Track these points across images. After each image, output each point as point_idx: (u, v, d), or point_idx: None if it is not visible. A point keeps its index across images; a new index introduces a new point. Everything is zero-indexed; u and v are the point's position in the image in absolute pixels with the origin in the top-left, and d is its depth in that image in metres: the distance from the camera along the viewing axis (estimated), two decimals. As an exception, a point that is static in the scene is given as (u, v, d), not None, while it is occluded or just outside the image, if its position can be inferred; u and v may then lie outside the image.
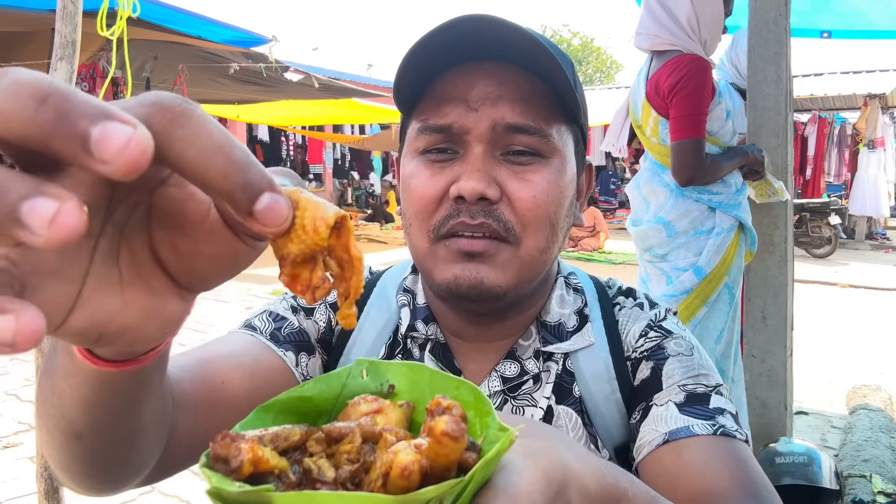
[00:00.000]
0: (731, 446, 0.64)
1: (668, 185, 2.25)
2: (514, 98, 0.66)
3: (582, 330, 0.76)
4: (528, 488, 0.32)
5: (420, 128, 0.69)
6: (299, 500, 0.28)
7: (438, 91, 0.68)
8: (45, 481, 1.71)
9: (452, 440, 0.29)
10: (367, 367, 0.41)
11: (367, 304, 0.82)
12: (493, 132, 0.66)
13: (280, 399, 0.39)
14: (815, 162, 12.08)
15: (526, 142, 0.67)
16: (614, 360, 0.74)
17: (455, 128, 0.66)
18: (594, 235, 10.34)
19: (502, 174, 0.66)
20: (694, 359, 0.72)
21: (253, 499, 0.28)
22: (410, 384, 0.40)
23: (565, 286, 0.79)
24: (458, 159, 0.68)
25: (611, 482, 0.40)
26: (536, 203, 0.66)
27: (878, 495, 2.45)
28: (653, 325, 0.76)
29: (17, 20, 6.10)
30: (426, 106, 0.68)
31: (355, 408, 0.36)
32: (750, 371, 2.70)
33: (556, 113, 0.69)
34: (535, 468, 0.34)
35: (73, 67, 1.62)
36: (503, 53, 0.66)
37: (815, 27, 4.01)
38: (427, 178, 0.68)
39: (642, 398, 0.71)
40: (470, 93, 0.67)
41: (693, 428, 0.65)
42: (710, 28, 2.22)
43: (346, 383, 0.41)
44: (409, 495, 0.28)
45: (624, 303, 0.79)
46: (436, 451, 0.30)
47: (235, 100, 11.19)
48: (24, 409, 3.49)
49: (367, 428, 0.34)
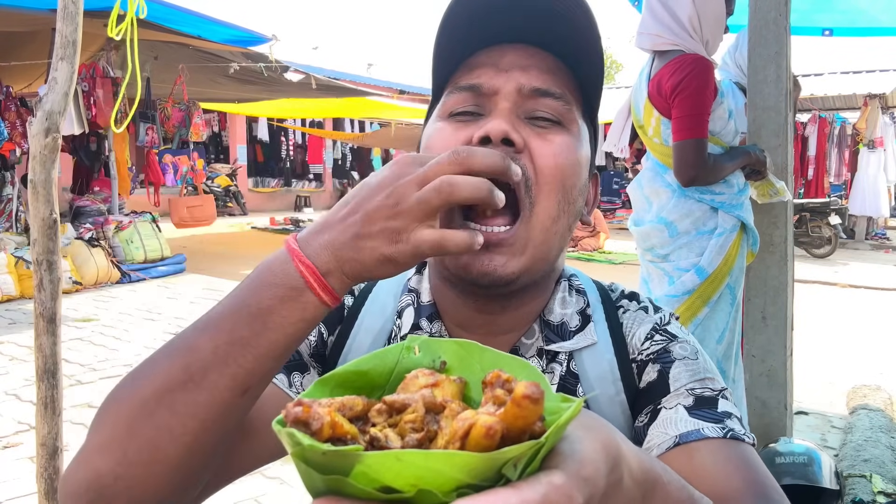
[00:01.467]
0: (741, 450, 0.65)
1: (671, 185, 2.25)
2: (543, 67, 0.69)
3: (584, 329, 0.76)
4: (591, 455, 0.34)
5: (450, 90, 0.70)
6: (387, 459, 0.29)
7: (471, 63, 0.70)
8: (45, 481, 1.70)
9: (533, 402, 0.30)
10: (420, 344, 0.43)
11: (361, 311, 0.82)
12: (520, 94, 0.67)
13: (337, 373, 0.40)
14: (818, 162, 12.08)
15: (551, 105, 0.68)
16: (619, 361, 0.74)
17: (485, 87, 0.68)
18: (594, 235, 10.33)
19: (526, 131, 0.67)
20: (699, 363, 0.73)
21: (338, 460, 0.30)
22: (460, 361, 0.41)
23: (568, 288, 0.79)
24: (484, 118, 0.68)
25: (647, 467, 0.41)
26: (556, 162, 0.67)
27: (878, 495, 2.45)
28: (658, 329, 0.76)
29: (18, 20, 6.10)
30: (459, 76, 0.70)
31: (413, 381, 0.37)
32: (750, 371, 2.70)
33: (578, 98, 0.71)
34: (594, 439, 0.35)
35: (73, 67, 1.62)
36: (534, 35, 0.69)
37: (816, 25, 4.00)
38: (450, 132, 0.69)
39: (649, 401, 0.72)
40: (502, 60, 0.69)
41: (703, 431, 0.65)
42: (711, 28, 2.22)
43: (400, 359, 0.42)
44: (492, 454, 0.29)
45: (628, 306, 0.79)
46: (515, 414, 0.30)
47: (235, 99, 11.19)
48: (25, 409, 3.49)
49: (428, 399, 0.35)
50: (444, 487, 0.30)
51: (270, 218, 13.71)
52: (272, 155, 17.45)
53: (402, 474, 0.29)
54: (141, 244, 7.45)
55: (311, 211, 16.56)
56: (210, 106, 11.85)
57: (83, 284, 6.62)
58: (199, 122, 8.75)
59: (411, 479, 0.29)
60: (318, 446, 0.30)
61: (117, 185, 7.87)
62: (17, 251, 6.45)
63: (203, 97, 9.70)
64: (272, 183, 17.37)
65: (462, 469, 0.29)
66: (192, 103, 8.66)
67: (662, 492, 0.42)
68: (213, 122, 15.52)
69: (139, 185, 9.68)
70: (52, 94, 1.60)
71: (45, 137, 1.60)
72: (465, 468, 0.29)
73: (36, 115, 1.61)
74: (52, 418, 1.68)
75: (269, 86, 9.05)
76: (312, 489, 0.32)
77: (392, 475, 0.29)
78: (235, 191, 15.16)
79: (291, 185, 17.66)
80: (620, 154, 2.91)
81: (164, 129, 8.54)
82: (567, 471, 0.32)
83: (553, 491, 0.30)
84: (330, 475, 0.30)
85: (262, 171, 17.43)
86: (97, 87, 6.93)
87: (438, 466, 0.29)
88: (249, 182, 16.66)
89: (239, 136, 16.30)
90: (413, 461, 0.29)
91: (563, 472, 0.31)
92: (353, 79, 9.16)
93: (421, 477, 0.29)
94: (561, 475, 0.31)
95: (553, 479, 0.31)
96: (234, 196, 15.11)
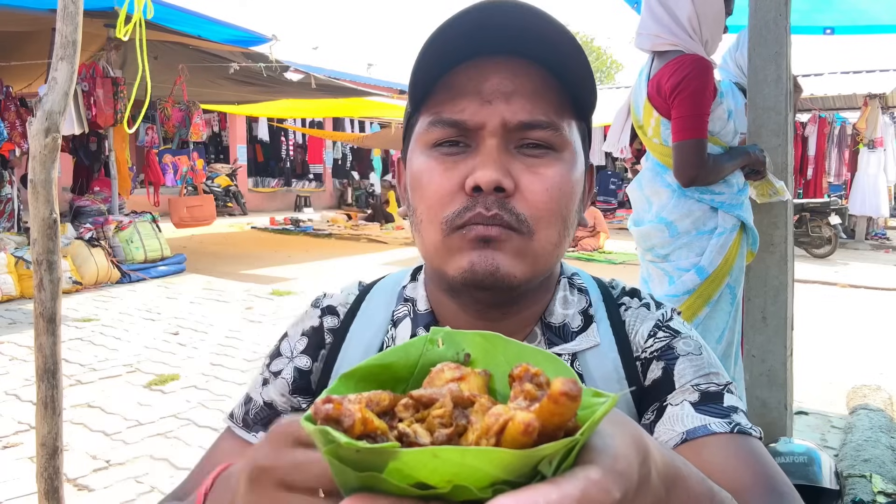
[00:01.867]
0: (749, 443, 0.65)
1: (671, 185, 2.25)
2: (527, 93, 0.67)
3: (587, 330, 0.76)
4: (624, 450, 0.34)
5: (433, 121, 0.68)
6: (424, 456, 0.29)
7: (452, 83, 0.68)
8: (45, 481, 1.70)
9: (571, 400, 0.30)
10: (443, 337, 0.42)
11: (351, 327, 0.81)
12: (506, 128, 0.66)
13: (361, 366, 0.40)
14: (817, 162, 12.08)
15: (539, 136, 0.67)
16: (623, 360, 0.74)
17: (469, 123, 0.66)
18: (594, 235, 10.33)
19: (516, 167, 0.66)
20: (703, 358, 0.73)
21: (373, 457, 0.30)
22: (485, 353, 0.41)
23: (569, 287, 0.79)
24: (471, 153, 0.67)
25: (669, 460, 0.41)
26: (550, 197, 0.66)
27: (878, 495, 2.45)
28: (661, 325, 0.76)
29: (18, 20, 6.10)
30: (439, 99, 0.68)
31: (440, 375, 0.37)
32: (750, 371, 2.70)
33: (567, 107, 0.69)
34: (624, 434, 0.35)
35: (73, 67, 1.62)
36: (516, 46, 0.66)
37: (817, 24, 3.99)
38: (441, 172, 0.67)
39: (654, 398, 0.72)
40: (483, 85, 0.66)
41: (711, 426, 0.65)
42: (711, 28, 2.22)
43: (424, 352, 0.42)
44: (529, 451, 0.29)
45: (629, 303, 0.79)
46: (551, 410, 0.30)
47: (235, 100, 11.20)
48: (24, 409, 3.49)
49: (456, 393, 0.35)
50: (479, 484, 0.30)
51: (270, 218, 13.71)
52: (272, 155, 17.44)
53: (438, 471, 0.29)
54: (141, 244, 7.45)
55: (310, 211, 16.56)
56: (210, 107, 11.86)
57: (83, 284, 6.62)
58: (199, 122, 8.75)
59: (447, 476, 0.29)
60: (353, 444, 0.29)
61: (117, 185, 7.87)
62: (17, 251, 6.45)
63: (203, 97, 9.70)
64: (272, 183, 17.37)
65: (499, 466, 0.29)
66: (192, 103, 8.66)
67: (683, 485, 0.42)
68: (213, 122, 15.53)
69: (139, 185, 9.68)
70: (52, 93, 1.60)
71: (45, 137, 1.60)
72: (501, 465, 0.29)
73: (36, 115, 1.61)
74: (52, 418, 1.68)
75: (269, 86, 9.05)
76: (345, 486, 0.32)
77: (428, 472, 0.29)
78: (235, 191, 15.17)
79: (291, 185, 17.66)
80: (620, 154, 2.91)
81: (164, 129, 8.55)
82: (602, 465, 0.32)
83: (591, 486, 0.30)
84: (364, 472, 0.30)
85: (262, 171, 17.43)
86: (97, 87, 6.93)
87: (475, 463, 0.29)
88: (249, 182, 16.67)
89: (239, 136, 16.30)
90: (450, 458, 0.29)
91: (599, 466, 0.31)
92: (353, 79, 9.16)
93: (457, 473, 0.29)
94: (597, 470, 0.31)
95: (590, 474, 0.31)
96: (234, 196, 15.11)
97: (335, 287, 0.88)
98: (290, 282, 7.45)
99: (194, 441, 3.19)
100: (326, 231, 12.43)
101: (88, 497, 2.66)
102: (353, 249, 10.39)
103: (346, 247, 10.69)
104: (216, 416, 3.50)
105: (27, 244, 6.56)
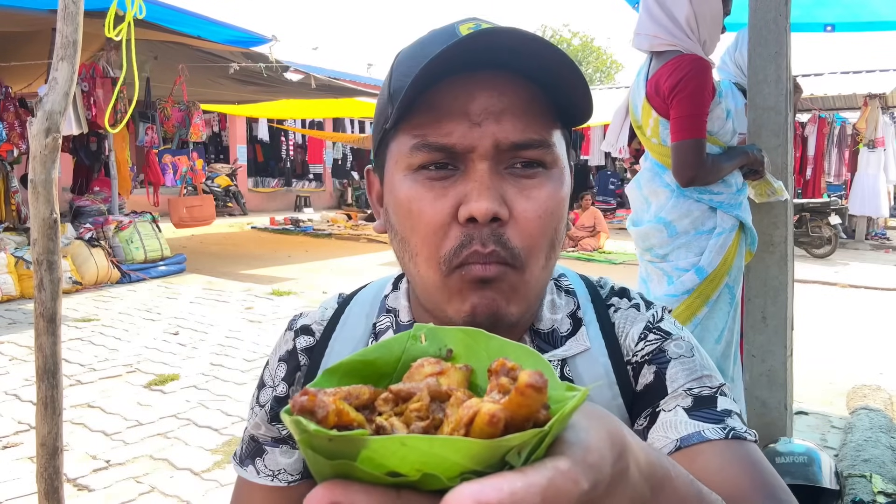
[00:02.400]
0: (744, 449, 0.64)
1: (669, 185, 2.25)
2: (518, 110, 0.64)
3: (576, 334, 0.74)
4: (597, 444, 0.34)
5: (417, 144, 0.64)
6: (392, 444, 0.30)
7: (435, 102, 0.64)
8: (45, 481, 1.70)
9: (536, 391, 0.30)
10: (426, 333, 0.43)
11: (330, 340, 0.80)
12: (498, 150, 0.64)
13: (344, 362, 0.40)
14: (816, 162, 12.09)
15: (531, 155, 0.65)
16: (613, 364, 0.73)
17: (459, 147, 0.63)
18: (594, 235, 10.34)
19: (509, 192, 0.64)
20: (695, 360, 0.72)
21: (344, 445, 0.30)
22: (467, 349, 0.41)
23: (556, 289, 0.78)
24: (461, 176, 0.64)
25: (655, 461, 0.41)
26: (542, 223, 0.65)
27: (878, 495, 2.45)
28: (651, 327, 0.74)
29: (18, 20, 6.09)
30: (422, 119, 0.64)
31: (419, 369, 0.38)
32: (750, 371, 2.70)
33: (554, 119, 0.67)
34: (599, 428, 0.35)
35: (74, 67, 1.62)
36: (502, 62, 0.63)
37: (817, 21, 3.98)
38: (431, 201, 0.64)
39: (647, 403, 0.71)
40: (471, 105, 0.63)
41: (705, 433, 0.64)
42: (709, 28, 2.22)
43: (406, 348, 0.42)
44: (495, 440, 0.30)
45: (619, 304, 0.78)
46: (518, 402, 0.31)
47: (235, 100, 11.20)
48: (24, 409, 3.49)
49: (434, 387, 0.35)
50: (448, 473, 0.30)
51: (270, 218, 13.71)
52: (272, 155, 17.44)
53: (408, 459, 0.30)
54: (141, 244, 7.46)
55: (310, 211, 16.56)
56: (210, 107, 11.85)
57: (83, 284, 6.62)
58: (199, 122, 8.75)
59: (416, 464, 0.30)
60: (323, 431, 0.30)
61: (117, 185, 7.87)
62: (17, 251, 6.46)
63: (203, 98, 9.70)
64: (272, 183, 17.38)
65: (465, 455, 0.30)
66: (191, 103, 8.66)
67: (671, 486, 0.42)
68: (213, 122, 15.53)
69: (139, 185, 9.68)
70: (52, 94, 1.61)
71: (46, 137, 1.60)
72: (468, 454, 0.30)
73: (36, 116, 1.61)
74: (52, 418, 1.68)
75: (269, 86, 9.05)
76: (320, 476, 0.32)
77: (397, 460, 0.30)
78: (235, 191, 15.17)
79: (291, 185, 17.66)
80: (619, 154, 2.91)
81: (164, 129, 8.54)
82: (572, 457, 0.32)
83: (558, 476, 0.30)
84: (337, 460, 0.31)
85: (262, 171, 17.43)
86: (97, 87, 6.93)
87: (442, 452, 0.30)
88: (249, 182, 16.67)
89: (239, 136, 16.30)
90: (417, 446, 0.30)
91: (569, 458, 0.31)
92: (353, 79, 9.16)
93: (426, 462, 0.30)
94: (566, 461, 0.31)
95: (558, 464, 0.31)
96: (234, 196, 15.11)
97: (334, 288, 0.88)
98: (290, 282, 7.45)
99: (194, 441, 3.19)
100: (326, 231, 12.43)
101: (88, 497, 2.66)
102: (353, 249, 10.39)
103: (346, 247, 10.69)
104: (216, 416, 3.50)
105: (27, 244, 6.56)
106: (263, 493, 0.79)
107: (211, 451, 3.08)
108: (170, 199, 8.97)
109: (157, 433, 3.27)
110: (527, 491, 0.29)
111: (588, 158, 15.23)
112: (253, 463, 0.80)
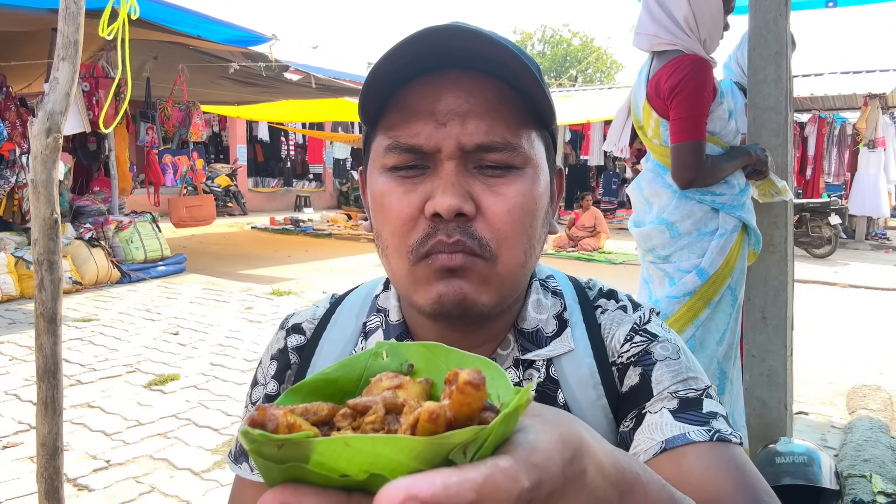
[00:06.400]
0: (729, 452, 0.64)
1: (671, 186, 2.24)
2: (482, 111, 0.65)
3: (561, 335, 0.75)
4: (545, 445, 0.34)
5: (389, 145, 0.66)
6: (336, 445, 0.30)
7: (404, 103, 0.65)
8: (46, 481, 1.70)
9: (474, 388, 0.31)
10: (388, 349, 0.44)
11: (320, 340, 0.81)
12: (463, 151, 0.65)
13: (307, 382, 0.41)
14: (815, 162, 12.09)
15: (496, 158, 0.65)
16: (599, 365, 0.73)
17: (426, 147, 0.65)
18: (594, 235, 10.33)
19: (476, 188, 0.65)
20: (681, 362, 0.72)
21: (293, 451, 0.31)
22: (427, 363, 0.42)
23: (542, 290, 0.78)
24: (430, 174, 0.66)
25: (624, 466, 0.40)
26: (512, 217, 0.65)
27: (878, 495, 2.46)
28: (637, 329, 0.74)
29: (18, 20, 6.09)
30: (393, 120, 0.66)
31: (377, 384, 0.38)
32: (750, 371, 2.70)
33: (527, 120, 0.68)
34: (552, 431, 0.35)
35: (75, 67, 1.62)
36: (471, 62, 0.64)
37: None
38: (400, 196, 0.66)
39: (632, 405, 0.71)
40: (437, 105, 0.64)
41: (689, 435, 0.64)
42: (709, 27, 2.20)
43: (368, 365, 0.43)
44: (435, 437, 0.30)
45: (606, 305, 0.78)
46: (459, 400, 0.31)
47: (235, 101, 11.19)
48: (25, 409, 3.49)
49: (389, 400, 0.36)
50: (395, 473, 0.30)
51: (270, 218, 13.71)
52: (272, 155, 17.45)
53: (354, 460, 0.30)
54: (141, 244, 7.46)
55: (310, 211, 16.56)
56: (210, 108, 11.84)
57: (83, 284, 6.62)
58: (199, 122, 8.75)
59: (363, 465, 0.30)
60: (269, 436, 0.30)
61: (117, 185, 7.87)
62: (17, 251, 6.45)
63: (203, 98, 9.70)
64: (272, 183, 17.38)
65: (409, 453, 0.30)
66: (192, 103, 8.66)
67: (641, 491, 0.41)
68: (213, 122, 15.53)
69: (139, 185, 9.68)
70: (53, 94, 1.61)
71: (47, 137, 1.60)
72: (411, 452, 0.30)
73: (37, 115, 1.61)
74: (52, 418, 1.68)
75: (269, 87, 9.05)
76: (271, 483, 0.33)
77: (344, 462, 0.30)
78: (235, 191, 15.17)
79: (291, 185, 17.66)
80: (620, 154, 2.90)
81: (164, 129, 8.54)
82: (515, 456, 0.32)
83: (497, 472, 0.30)
84: (288, 464, 0.31)
85: (262, 171, 17.43)
86: (98, 88, 6.93)
87: (385, 451, 0.30)
88: (249, 182, 16.67)
89: (239, 136, 16.30)
90: (361, 446, 0.30)
91: (511, 456, 0.32)
92: (353, 78, 9.12)
93: (372, 463, 0.30)
94: (508, 459, 0.31)
95: (499, 461, 0.31)
96: (234, 196, 15.11)
97: (333, 288, 0.89)
98: (290, 282, 7.45)
99: (194, 441, 3.19)
100: (326, 231, 12.43)
101: (88, 497, 2.66)
102: (353, 249, 10.39)
103: (346, 247, 10.69)
104: (216, 415, 3.50)
105: (27, 244, 6.56)
106: (257, 489, 0.79)
107: (211, 450, 3.08)
108: (170, 199, 8.97)
109: (157, 433, 3.27)
110: (460, 486, 0.29)
111: (588, 158, 15.23)
112: (247, 460, 0.80)
